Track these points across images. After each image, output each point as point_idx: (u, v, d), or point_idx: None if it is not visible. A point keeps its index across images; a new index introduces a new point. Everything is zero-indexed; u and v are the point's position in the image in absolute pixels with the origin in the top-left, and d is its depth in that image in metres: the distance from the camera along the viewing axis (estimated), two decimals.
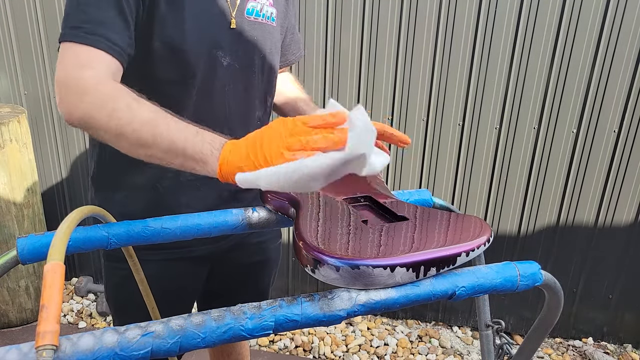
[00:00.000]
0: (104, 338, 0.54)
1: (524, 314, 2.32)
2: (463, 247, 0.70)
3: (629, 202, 2.08)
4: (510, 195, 2.15)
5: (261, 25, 1.05)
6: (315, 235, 0.70)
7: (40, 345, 0.49)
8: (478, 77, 2.00)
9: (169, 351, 0.56)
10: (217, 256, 1.19)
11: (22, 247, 0.75)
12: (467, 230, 0.74)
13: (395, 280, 0.65)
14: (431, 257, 0.68)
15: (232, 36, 1.00)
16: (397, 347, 2.25)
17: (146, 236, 0.82)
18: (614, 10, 1.84)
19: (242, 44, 1.02)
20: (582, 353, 2.25)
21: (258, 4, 1.03)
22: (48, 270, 0.53)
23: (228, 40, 0.99)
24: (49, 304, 0.51)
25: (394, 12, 1.96)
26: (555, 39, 1.91)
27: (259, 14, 1.04)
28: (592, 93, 1.96)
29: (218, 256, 1.19)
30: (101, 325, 2.36)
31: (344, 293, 0.64)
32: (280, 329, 0.61)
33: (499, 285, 0.69)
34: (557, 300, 0.75)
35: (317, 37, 2.03)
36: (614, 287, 2.22)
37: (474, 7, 1.91)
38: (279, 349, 2.23)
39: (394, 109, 2.09)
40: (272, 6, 1.07)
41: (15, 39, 2.19)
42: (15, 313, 2.28)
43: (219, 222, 0.86)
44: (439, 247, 0.69)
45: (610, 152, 2.03)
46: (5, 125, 2.01)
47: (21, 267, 2.20)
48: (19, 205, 2.13)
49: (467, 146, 2.10)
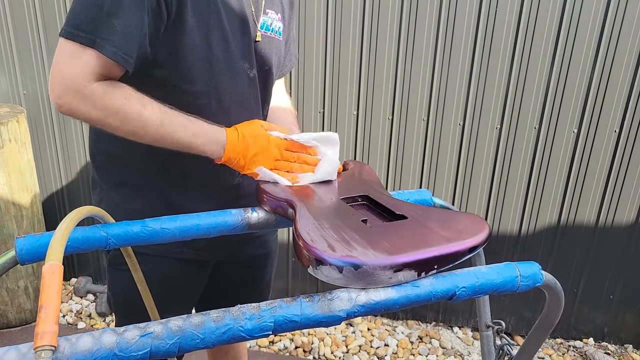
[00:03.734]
0: (102, 339, 0.54)
1: (525, 315, 2.32)
2: (464, 245, 0.70)
3: (629, 203, 2.08)
4: (511, 196, 2.15)
5: (270, 39, 1.08)
6: (315, 235, 0.70)
7: (38, 345, 0.48)
8: (479, 77, 2.00)
9: (168, 352, 0.56)
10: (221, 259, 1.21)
11: (21, 247, 0.75)
12: (466, 227, 0.74)
13: (398, 279, 0.65)
14: (433, 255, 0.67)
15: (251, 49, 1.03)
16: (398, 347, 2.25)
17: (145, 236, 0.82)
18: (614, 10, 1.84)
19: (258, 57, 1.06)
20: (583, 354, 2.25)
21: (269, 19, 1.06)
22: (46, 271, 0.53)
23: (249, 53, 1.03)
24: (48, 305, 0.51)
25: (394, 12, 1.96)
26: (556, 39, 1.91)
27: (269, 28, 1.07)
28: (592, 93, 1.96)
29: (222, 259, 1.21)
30: (100, 325, 2.36)
31: (343, 294, 0.64)
32: (279, 329, 0.61)
33: (499, 286, 0.69)
34: (557, 300, 0.75)
35: (317, 37, 2.03)
36: (615, 287, 2.22)
37: (474, 7, 1.91)
38: (278, 350, 2.23)
39: (394, 109, 2.09)
40: (280, 21, 1.10)
41: (15, 39, 2.19)
42: (14, 313, 2.27)
43: (218, 223, 0.86)
44: (440, 245, 0.69)
45: (611, 153, 2.03)
46: (4, 125, 2.01)
47: (20, 268, 2.20)
48: (17, 205, 2.13)
49: (468, 146, 2.10)
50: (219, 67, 0.97)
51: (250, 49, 1.02)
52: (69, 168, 2.39)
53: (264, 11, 1.05)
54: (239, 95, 1.03)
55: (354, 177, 1.00)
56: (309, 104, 2.13)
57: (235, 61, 1.00)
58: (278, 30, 1.10)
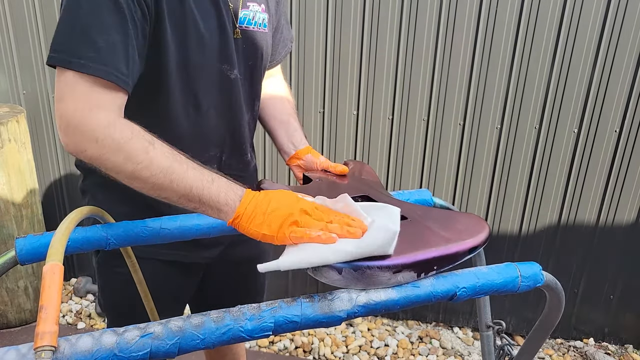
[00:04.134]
0: (102, 339, 0.54)
1: (525, 315, 2.32)
2: (464, 245, 0.70)
3: (630, 202, 2.08)
4: (511, 196, 2.15)
5: (253, 34, 1.03)
6: None
7: (39, 346, 0.48)
8: (479, 77, 2.00)
9: (168, 352, 0.56)
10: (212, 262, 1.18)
11: (21, 247, 0.75)
12: (466, 227, 0.74)
13: (397, 280, 0.65)
14: (432, 256, 0.67)
15: (230, 49, 0.98)
16: (398, 348, 2.25)
17: (145, 237, 0.82)
18: (614, 11, 1.84)
19: (240, 55, 1.01)
20: (583, 354, 2.25)
21: (251, 12, 1.01)
22: (47, 271, 0.53)
23: (228, 53, 0.98)
24: (48, 305, 0.51)
25: (394, 12, 1.96)
26: (556, 40, 1.91)
27: (251, 22, 1.02)
28: (593, 93, 1.96)
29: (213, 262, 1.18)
30: (100, 326, 2.36)
31: (343, 294, 0.64)
32: (279, 330, 0.61)
33: (500, 286, 0.68)
34: (558, 300, 0.75)
35: (317, 37, 2.03)
36: (615, 287, 2.22)
37: (474, 7, 1.91)
38: (278, 350, 2.23)
39: (394, 109, 2.09)
40: (264, 12, 1.06)
41: (14, 39, 2.19)
42: (14, 313, 2.27)
43: (218, 223, 0.86)
44: (440, 246, 0.69)
45: (611, 153, 2.03)
46: (4, 125, 2.01)
47: (20, 268, 2.20)
48: (17, 205, 2.13)
49: (468, 146, 2.10)
50: (196, 73, 0.93)
51: (229, 49, 0.97)
52: (68, 168, 2.39)
53: (244, 4, 1.00)
54: (218, 99, 1.00)
55: (354, 177, 1.00)
56: (309, 104, 2.13)
57: (213, 64, 0.96)
58: (262, 22, 1.05)
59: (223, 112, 1.02)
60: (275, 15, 1.14)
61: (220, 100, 1.00)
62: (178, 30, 0.88)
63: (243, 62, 1.02)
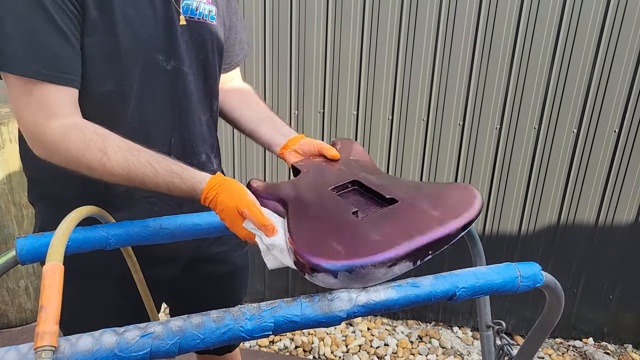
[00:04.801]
0: (103, 339, 0.54)
1: (525, 315, 2.32)
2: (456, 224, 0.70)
3: (629, 202, 2.08)
4: (511, 196, 2.15)
5: (199, 25, 0.98)
6: (308, 240, 0.69)
7: (39, 346, 0.48)
8: (478, 77, 2.00)
9: (168, 352, 0.56)
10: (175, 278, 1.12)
11: (21, 247, 0.75)
12: (458, 200, 0.74)
13: (394, 273, 0.65)
14: (425, 242, 0.67)
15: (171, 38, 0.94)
16: (397, 347, 2.25)
17: (145, 236, 0.82)
18: (614, 10, 1.84)
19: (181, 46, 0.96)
20: (583, 353, 2.25)
21: (194, 2, 0.97)
22: (47, 271, 0.53)
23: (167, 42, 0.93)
24: (48, 305, 0.51)
25: (394, 12, 1.96)
26: (556, 39, 1.91)
27: (195, 12, 0.97)
28: (592, 93, 1.96)
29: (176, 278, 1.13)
30: None
31: (343, 294, 0.64)
32: (279, 330, 0.61)
33: (499, 286, 0.68)
34: (557, 300, 0.75)
35: (317, 37, 2.03)
36: (615, 287, 2.22)
37: (474, 6, 1.91)
38: (278, 350, 2.23)
39: (394, 109, 2.09)
40: (209, 4, 1.01)
41: None
42: (15, 313, 2.27)
43: (218, 222, 0.86)
44: (432, 230, 0.68)
45: (610, 152, 2.03)
46: (5, 125, 2.01)
47: (21, 267, 2.20)
48: (18, 205, 2.13)
49: (468, 146, 2.10)
50: (128, 62, 0.88)
51: (168, 38, 0.93)
52: None
53: None
54: (157, 92, 0.94)
55: (344, 161, 0.96)
56: (309, 104, 2.13)
57: (147, 54, 0.90)
58: (208, 14, 1.00)
59: (165, 107, 0.97)
60: (227, 12, 1.09)
61: (159, 93, 0.95)
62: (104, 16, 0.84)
63: (192, 55, 0.98)
